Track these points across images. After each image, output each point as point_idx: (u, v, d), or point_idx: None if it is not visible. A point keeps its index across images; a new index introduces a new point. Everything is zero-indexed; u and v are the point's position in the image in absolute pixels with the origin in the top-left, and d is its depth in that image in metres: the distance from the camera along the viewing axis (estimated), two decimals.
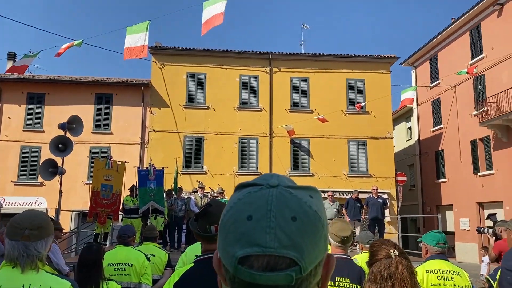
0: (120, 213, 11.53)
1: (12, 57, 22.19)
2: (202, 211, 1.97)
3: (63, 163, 9.64)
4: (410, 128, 26.86)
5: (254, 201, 0.57)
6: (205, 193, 12.81)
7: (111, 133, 19.61)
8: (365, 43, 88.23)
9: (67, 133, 9.75)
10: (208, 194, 13.18)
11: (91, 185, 11.00)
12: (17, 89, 19.58)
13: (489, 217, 18.77)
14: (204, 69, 20.15)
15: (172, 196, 12.45)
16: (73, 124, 9.90)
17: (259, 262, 0.53)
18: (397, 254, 2.01)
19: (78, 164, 17.89)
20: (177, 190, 13.03)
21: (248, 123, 19.84)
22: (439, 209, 21.98)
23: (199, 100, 19.94)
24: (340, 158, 19.81)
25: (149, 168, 11.37)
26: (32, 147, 19.06)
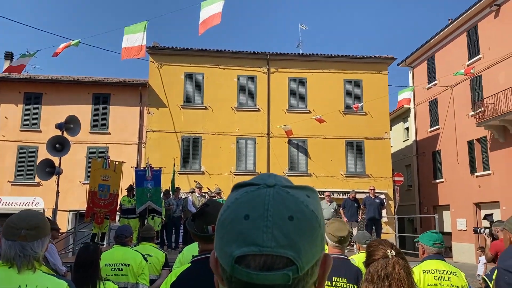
0: (118, 213, 11.52)
1: (9, 56, 22.15)
2: (199, 211, 1.97)
3: (60, 163, 9.62)
4: (407, 129, 26.90)
5: (252, 200, 0.57)
6: (202, 193, 12.80)
7: (109, 133, 19.57)
8: (363, 43, 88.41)
9: (65, 133, 9.74)
10: (206, 194, 13.17)
11: (89, 185, 11.01)
12: (14, 88, 19.52)
13: (485, 217, 18.83)
14: (202, 69, 20.13)
15: (169, 196, 12.44)
16: (71, 124, 9.88)
17: (256, 262, 0.53)
18: (394, 254, 2.01)
19: (75, 164, 17.86)
20: (174, 190, 13.02)
21: (245, 123, 19.83)
22: (436, 210, 22.04)
23: (196, 100, 19.92)
24: (338, 158, 19.83)
25: (146, 168, 11.37)
26: (29, 147, 19.00)
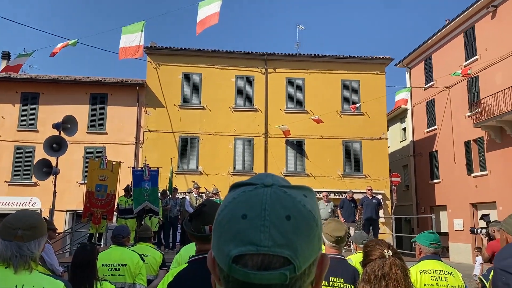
0: (115, 213, 11.50)
1: (6, 56, 22.09)
2: (196, 211, 1.96)
3: (57, 163, 9.59)
4: (404, 129, 26.95)
5: (249, 200, 0.57)
6: (200, 194, 12.79)
7: (106, 133, 19.53)
8: (360, 44, 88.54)
9: (62, 133, 9.71)
10: (203, 195, 13.16)
11: (86, 185, 10.98)
12: (11, 88, 19.45)
13: (482, 217, 18.88)
14: (200, 69, 20.12)
15: (167, 197, 12.42)
16: (68, 124, 9.85)
17: (253, 261, 0.53)
18: (391, 254, 2.01)
19: (72, 164, 17.81)
20: (172, 190, 13.01)
21: (243, 123, 19.83)
22: (433, 210, 22.07)
23: (194, 100, 19.90)
24: (335, 159, 19.85)
25: (144, 168, 11.35)
26: (26, 147, 18.94)
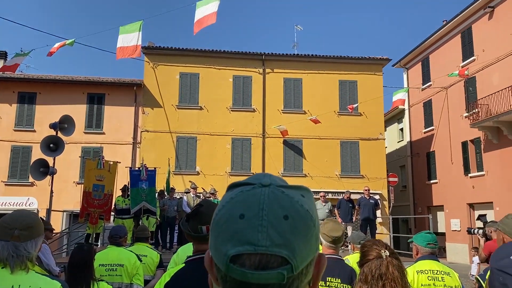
0: (112, 213, 11.48)
1: (3, 56, 22.01)
2: (193, 212, 1.96)
3: (54, 163, 9.57)
4: (401, 130, 27.00)
5: (247, 200, 0.57)
6: (197, 194, 12.79)
7: (103, 133, 19.49)
8: (358, 44, 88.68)
9: (59, 132, 9.69)
10: (201, 195, 13.15)
11: (83, 185, 10.95)
12: (8, 88, 19.38)
13: (479, 218, 18.93)
14: (197, 69, 20.10)
15: (164, 197, 12.41)
16: (65, 124, 9.83)
17: (251, 261, 0.53)
18: (388, 254, 2.01)
19: (69, 164, 17.77)
20: (169, 190, 12.99)
21: (241, 123, 19.83)
22: (430, 210, 22.13)
23: (192, 100, 19.89)
24: (333, 159, 19.87)
25: (141, 169, 11.34)
26: (23, 147, 18.88)
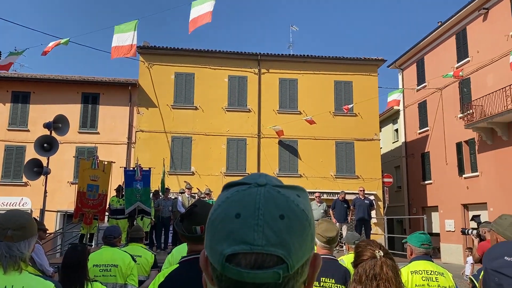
0: (106, 213, 11.43)
1: None
2: (187, 212, 1.96)
3: (48, 163, 9.51)
4: (396, 130, 27.11)
5: (242, 199, 0.57)
6: (192, 194, 12.77)
7: (98, 133, 19.41)
8: (353, 45, 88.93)
9: (53, 132, 9.63)
10: (196, 195, 13.13)
11: (77, 185, 10.88)
12: (1, 87, 19.25)
13: (473, 218, 19.03)
14: (193, 69, 20.07)
15: (159, 197, 12.38)
16: (59, 124, 9.77)
17: (246, 260, 0.53)
18: (382, 254, 2.02)
19: (63, 164, 17.68)
20: (164, 190, 12.96)
21: (236, 123, 19.82)
22: (425, 211, 22.22)
23: (187, 100, 19.85)
24: (328, 159, 19.91)
25: (136, 169, 11.30)
26: (16, 147, 18.77)
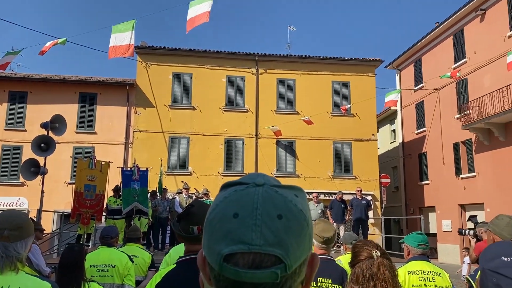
0: (104, 213, 11.41)
1: None
2: (184, 212, 1.96)
3: (45, 163, 9.49)
4: (394, 131, 27.15)
5: (240, 199, 0.57)
6: (190, 194, 12.76)
7: (95, 133, 19.37)
8: (351, 46, 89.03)
9: (50, 132, 9.61)
10: (193, 195, 13.12)
11: (74, 185, 10.87)
12: None
13: (470, 218, 19.08)
14: (190, 69, 20.05)
15: (156, 197, 12.37)
16: (56, 124, 9.74)
17: (244, 260, 0.53)
18: (379, 254, 2.02)
19: (61, 164, 17.62)
20: (161, 191, 12.95)
21: (234, 124, 19.81)
22: (422, 211, 22.27)
23: (184, 100, 19.83)
24: (325, 160, 19.92)
25: (133, 169, 11.29)
26: (13, 146, 18.71)
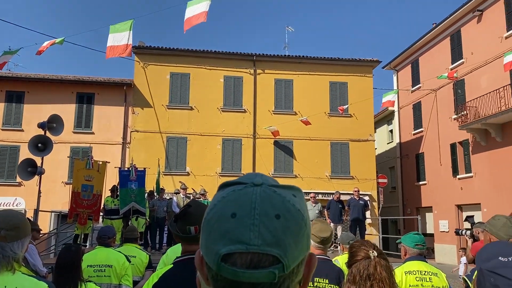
0: (101, 214, 11.39)
1: None
2: (181, 212, 1.96)
3: (42, 163, 9.46)
4: (391, 131, 27.20)
5: (238, 199, 0.57)
6: (187, 194, 12.72)
7: (93, 133, 19.33)
8: (348, 46, 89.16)
9: (47, 132, 9.58)
10: (191, 196, 13.10)
11: (72, 185, 10.82)
12: None
13: (467, 219, 19.11)
14: (188, 69, 20.03)
15: (154, 197, 12.34)
16: (53, 123, 9.71)
17: (242, 260, 0.53)
18: (376, 254, 2.02)
19: (58, 164, 17.58)
20: (159, 191, 12.92)
21: (231, 124, 19.80)
22: (419, 211, 22.31)
23: (182, 100, 19.81)
24: (323, 160, 19.94)
25: (130, 169, 11.26)
26: (10, 146, 18.65)
